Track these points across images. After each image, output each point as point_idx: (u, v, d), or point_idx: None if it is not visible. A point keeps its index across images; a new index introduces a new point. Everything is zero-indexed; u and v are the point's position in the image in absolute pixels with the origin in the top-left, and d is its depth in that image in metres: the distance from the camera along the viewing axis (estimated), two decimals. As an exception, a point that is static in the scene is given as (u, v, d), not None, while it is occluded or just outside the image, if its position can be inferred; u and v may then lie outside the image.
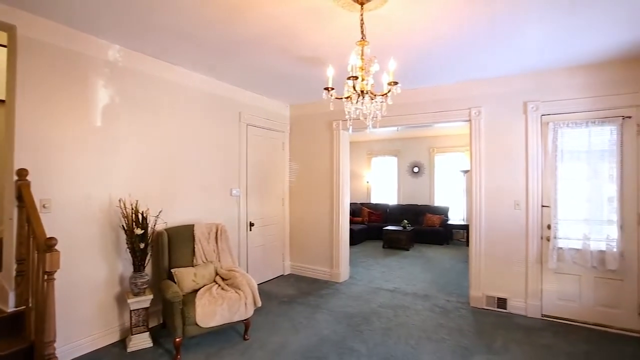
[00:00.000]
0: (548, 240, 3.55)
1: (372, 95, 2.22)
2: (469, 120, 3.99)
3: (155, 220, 3.07)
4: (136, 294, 2.88)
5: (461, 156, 8.29)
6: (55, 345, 2.07)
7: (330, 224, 4.98)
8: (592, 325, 3.40)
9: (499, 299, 3.80)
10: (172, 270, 3.07)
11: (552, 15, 2.45)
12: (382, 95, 2.21)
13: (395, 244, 7.27)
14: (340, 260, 4.91)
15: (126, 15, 2.49)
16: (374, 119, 2.37)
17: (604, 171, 3.33)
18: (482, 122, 3.91)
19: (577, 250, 3.42)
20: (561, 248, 3.47)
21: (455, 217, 8.29)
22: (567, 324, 3.47)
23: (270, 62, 3.39)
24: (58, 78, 2.67)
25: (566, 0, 2.25)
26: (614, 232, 3.29)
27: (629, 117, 3.27)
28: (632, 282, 3.27)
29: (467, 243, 7.59)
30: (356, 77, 2.10)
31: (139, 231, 2.83)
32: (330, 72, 2.34)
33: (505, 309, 3.76)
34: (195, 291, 3.01)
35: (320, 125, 5.09)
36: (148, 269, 3.14)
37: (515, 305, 3.72)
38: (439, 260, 6.23)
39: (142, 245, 2.87)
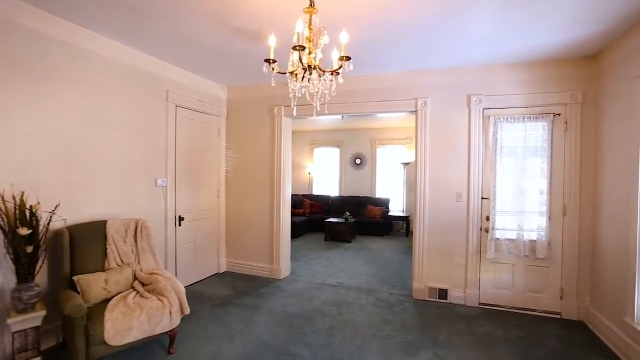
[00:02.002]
0: (487, 231, 3.64)
1: (320, 72, 1.93)
2: (415, 111, 3.93)
3: (50, 217, 2.44)
4: (21, 311, 2.26)
5: (401, 149, 8.47)
6: None
7: (270, 216, 4.64)
8: (522, 310, 3.58)
9: (440, 289, 3.83)
10: (75, 278, 2.49)
11: (502, 9, 2.44)
12: (332, 72, 1.93)
13: (337, 236, 7.18)
14: (281, 255, 4.61)
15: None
16: (322, 99, 2.10)
17: (537, 165, 3.49)
18: (427, 113, 3.87)
19: (512, 240, 3.55)
20: (498, 239, 3.58)
21: (395, 209, 8.47)
22: (501, 310, 3.61)
23: (203, 32, 2.91)
24: None
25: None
26: (543, 222, 3.46)
27: (559, 114, 3.45)
28: (557, 268, 3.49)
29: (406, 234, 7.82)
30: (303, 47, 1.79)
31: (24, 231, 2.21)
32: (272, 42, 1.99)
33: (446, 299, 3.80)
34: (107, 301, 2.48)
35: (260, 111, 4.69)
36: (41, 277, 2.51)
37: (455, 295, 3.78)
38: (380, 252, 6.26)
39: (29, 249, 2.26)
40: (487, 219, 3.65)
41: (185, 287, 4.06)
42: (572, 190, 3.41)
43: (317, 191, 9.48)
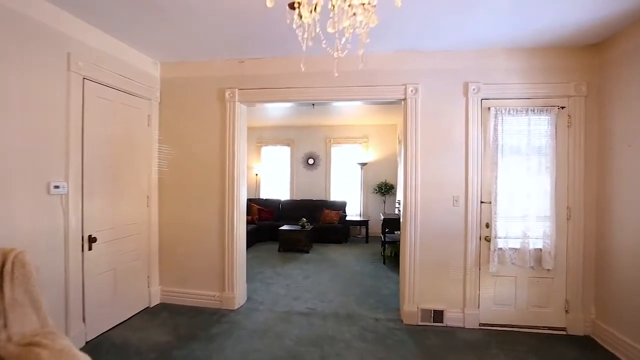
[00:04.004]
0: (487, 240, 3.13)
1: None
2: (404, 99, 3.29)
3: None
4: None
5: (358, 148, 7.93)
6: None
7: (220, 229, 3.62)
8: (526, 328, 3.12)
9: (435, 311, 3.22)
10: None
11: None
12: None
13: (293, 245, 6.31)
14: (236, 278, 3.61)
15: None
16: (348, 45, 1.27)
17: (542, 163, 3.07)
18: (419, 102, 3.25)
19: (516, 250, 3.09)
20: (501, 249, 3.09)
21: (353, 213, 7.89)
22: (504, 330, 3.12)
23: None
24: None
25: None
26: (549, 228, 3.06)
27: (563, 107, 3.08)
28: (561, 279, 3.11)
29: (366, 240, 7.26)
30: None
31: None
32: None
33: (442, 322, 3.21)
34: None
35: (206, 95, 3.64)
36: None
37: (453, 317, 3.21)
38: (345, 263, 5.54)
39: None
40: (487, 226, 3.15)
41: (99, 335, 2.91)
42: (576, 191, 3.06)
43: (265, 195, 8.48)
